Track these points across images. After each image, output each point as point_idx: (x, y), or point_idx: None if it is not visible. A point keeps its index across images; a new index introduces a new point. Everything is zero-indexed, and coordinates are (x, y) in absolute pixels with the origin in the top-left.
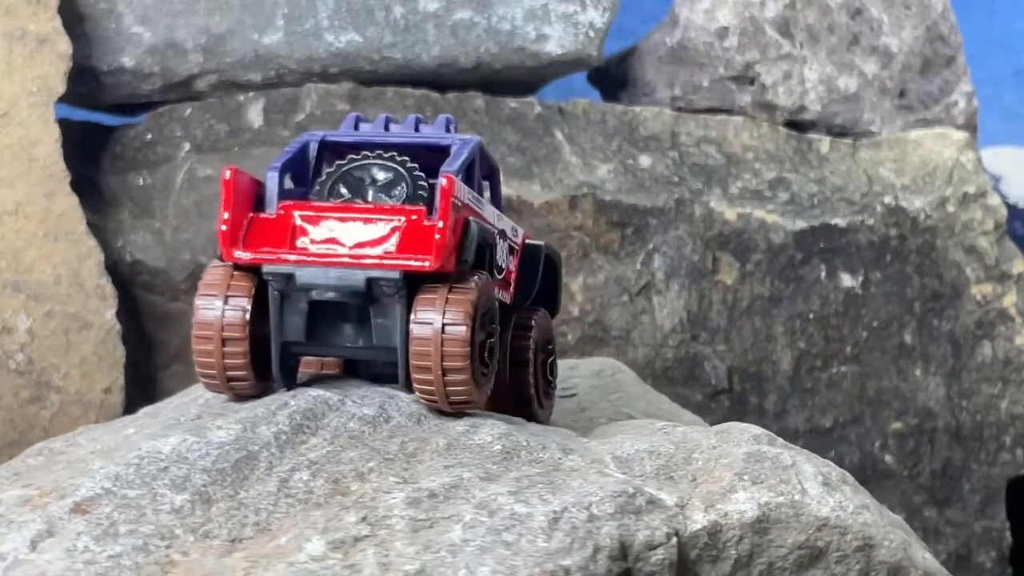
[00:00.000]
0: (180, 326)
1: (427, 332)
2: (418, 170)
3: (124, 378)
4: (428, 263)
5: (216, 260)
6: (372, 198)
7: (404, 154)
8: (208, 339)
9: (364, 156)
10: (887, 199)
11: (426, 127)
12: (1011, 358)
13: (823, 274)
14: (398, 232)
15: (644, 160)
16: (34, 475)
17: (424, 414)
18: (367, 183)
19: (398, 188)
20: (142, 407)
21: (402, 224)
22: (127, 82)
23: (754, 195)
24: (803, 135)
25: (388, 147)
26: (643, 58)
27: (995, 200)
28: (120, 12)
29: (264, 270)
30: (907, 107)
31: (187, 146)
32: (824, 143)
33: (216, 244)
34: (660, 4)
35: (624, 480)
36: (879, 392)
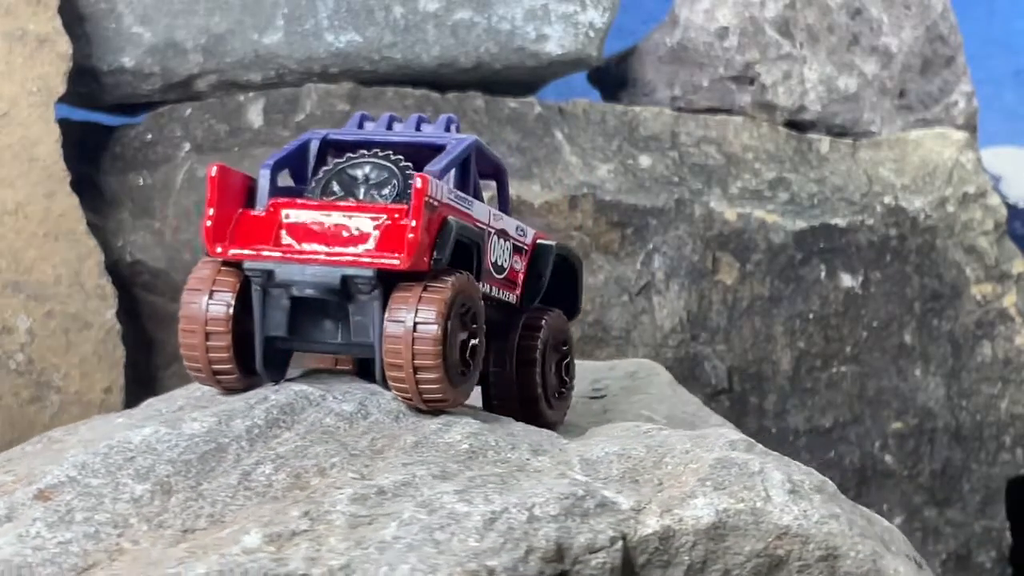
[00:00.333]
0: None
1: (399, 331)
2: (411, 169)
3: (124, 378)
4: (399, 261)
5: (206, 256)
6: (363, 196)
7: (400, 153)
8: (193, 332)
9: (361, 154)
10: (887, 199)
11: (428, 126)
12: (1011, 358)
13: (823, 274)
14: (379, 230)
15: (644, 160)
16: (20, 462)
17: (403, 411)
18: (359, 181)
19: (388, 187)
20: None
21: (383, 223)
22: (127, 82)
23: (754, 195)
24: (803, 135)
25: (385, 146)
26: (643, 58)
27: (995, 200)
28: (120, 12)
29: (245, 266)
30: (907, 107)
31: (187, 146)
32: (824, 143)
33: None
34: (660, 4)
35: (580, 482)
36: (879, 392)
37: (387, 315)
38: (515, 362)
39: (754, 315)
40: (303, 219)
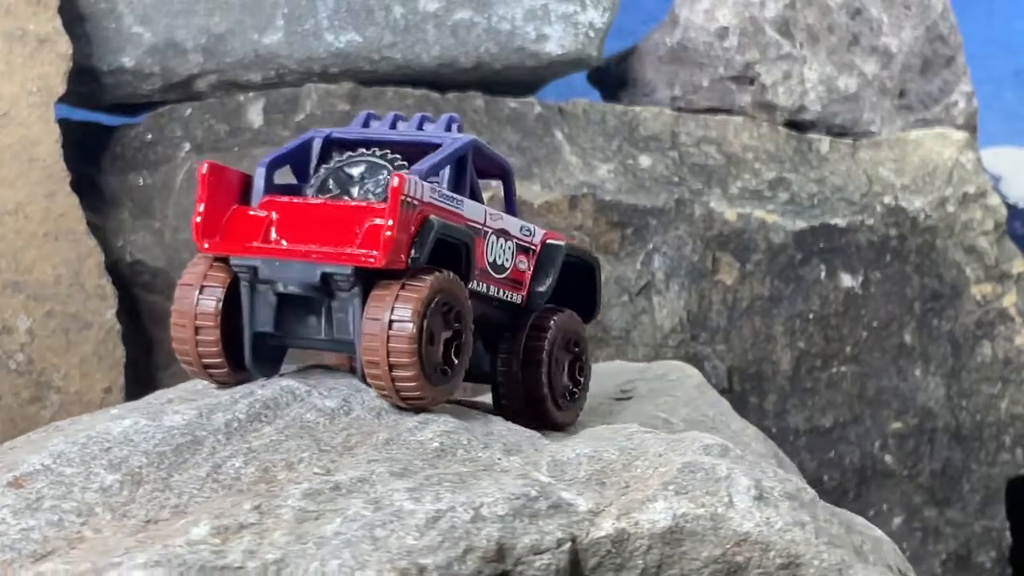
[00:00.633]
0: None
1: (375, 328)
2: (408, 168)
3: (124, 378)
4: (375, 259)
5: (200, 252)
6: (358, 194)
7: (401, 152)
8: (183, 327)
9: (360, 153)
10: (887, 199)
11: (431, 125)
12: (1011, 358)
13: (823, 274)
14: (362, 229)
15: (644, 160)
16: (14, 451)
17: (385, 409)
18: (355, 179)
19: (382, 186)
20: None
21: (366, 221)
22: (127, 82)
23: (754, 195)
24: (803, 135)
25: (384, 144)
26: (643, 58)
27: (995, 200)
28: (120, 12)
29: (231, 262)
30: (907, 107)
31: (187, 146)
32: (824, 143)
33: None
34: (660, 4)
35: (540, 483)
36: (879, 392)
37: (365, 312)
38: (521, 362)
39: (754, 315)
40: (292, 217)
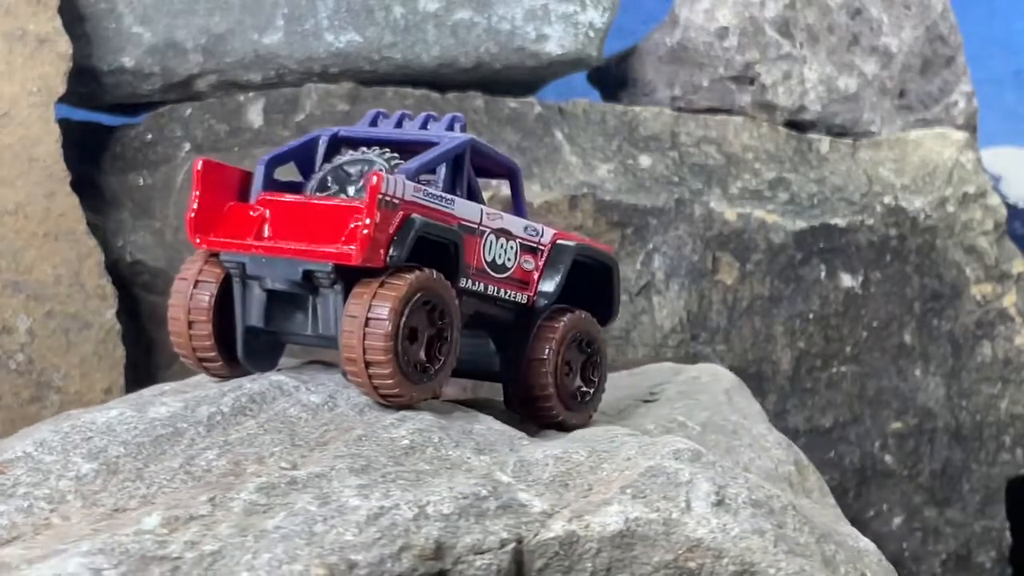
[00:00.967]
0: None
1: (353, 325)
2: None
3: (124, 378)
4: (351, 256)
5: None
6: (354, 192)
7: (402, 150)
8: (178, 320)
9: (360, 151)
10: (887, 199)
11: (435, 124)
12: (1011, 358)
13: (823, 274)
14: (347, 227)
15: (644, 160)
16: (8, 440)
17: (369, 406)
18: (353, 178)
19: None
20: None
21: (351, 219)
22: (127, 82)
23: (754, 195)
24: (803, 135)
25: (385, 143)
26: (643, 58)
27: (995, 200)
28: (120, 12)
29: (221, 258)
30: (907, 107)
31: (187, 146)
32: (824, 143)
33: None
34: (660, 4)
35: (500, 483)
36: (879, 392)
37: (345, 309)
38: (527, 362)
39: (754, 315)
40: (283, 214)
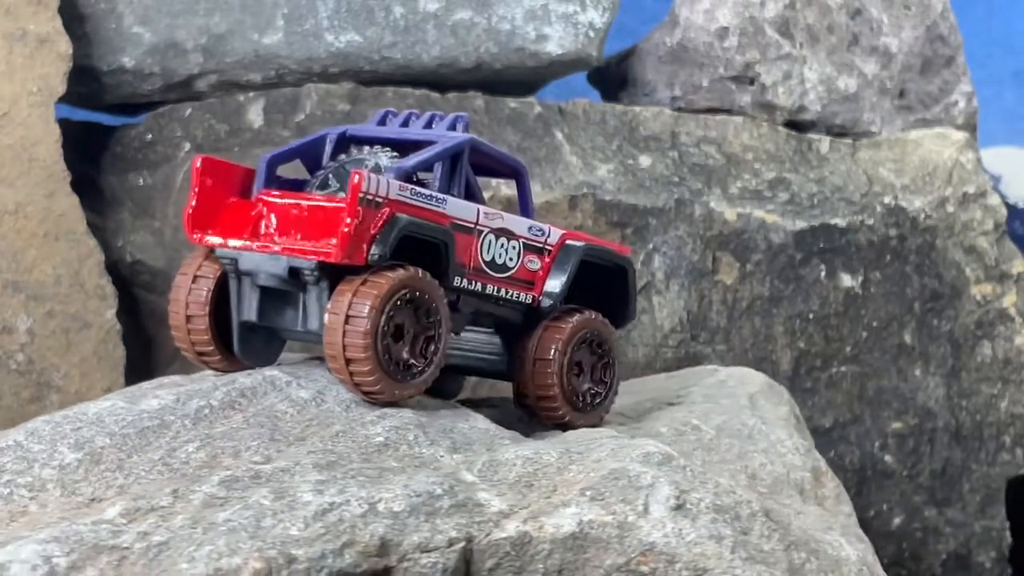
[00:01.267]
0: None
1: (334, 322)
2: None
3: (124, 378)
4: (332, 253)
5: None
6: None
7: (405, 149)
8: (177, 315)
9: (362, 150)
10: (887, 199)
11: (439, 124)
12: (1011, 358)
13: (823, 274)
14: (332, 224)
15: (644, 160)
16: (12, 429)
17: (356, 402)
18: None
19: None
20: None
21: (337, 217)
22: (127, 82)
23: (754, 195)
24: (803, 135)
25: (388, 142)
26: (643, 58)
27: (995, 200)
28: (120, 12)
29: (216, 254)
30: (907, 107)
31: (187, 146)
32: (824, 143)
33: None
34: (660, 4)
35: (459, 482)
36: (879, 392)
37: (328, 306)
38: (532, 361)
39: (754, 315)
40: (278, 212)
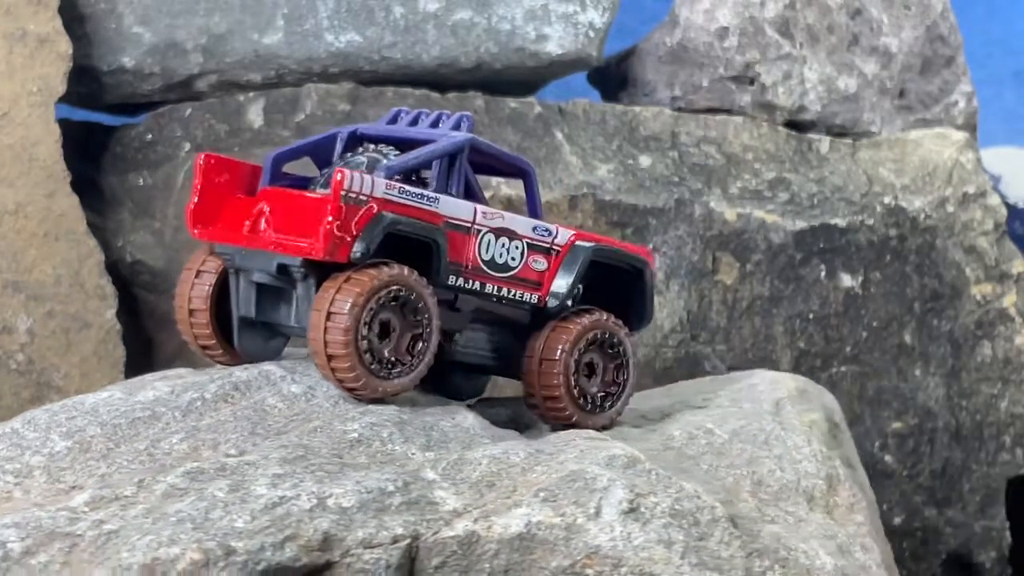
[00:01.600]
0: None
1: (317, 319)
2: None
3: (124, 378)
4: (314, 250)
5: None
6: None
7: (405, 148)
8: (181, 308)
9: (367, 148)
10: (887, 199)
11: (445, 123)
12: (1011, 358)
13: (823, 274)
14: (318, 222)
15: (644, 160)
16: (12, 419)
17: (344, 398)
18: None
19: None
20: None
21: (322, 214)
22: (127, 82)
23: (754, 195)
24: (803, 135)
25: (392, 141)
26: (643, 58)
27: (995, 200)
28: (120, 12)
29: (216, 250)
30: (907, 107)
31: (187, 146)
32: (824, 143)
33: None
34: (660, 4)
35: (419, 480)
36: (879, 392)
37: (312, 304)
38: (538, 361)
39: (754, 315)
40: (276, 208)
